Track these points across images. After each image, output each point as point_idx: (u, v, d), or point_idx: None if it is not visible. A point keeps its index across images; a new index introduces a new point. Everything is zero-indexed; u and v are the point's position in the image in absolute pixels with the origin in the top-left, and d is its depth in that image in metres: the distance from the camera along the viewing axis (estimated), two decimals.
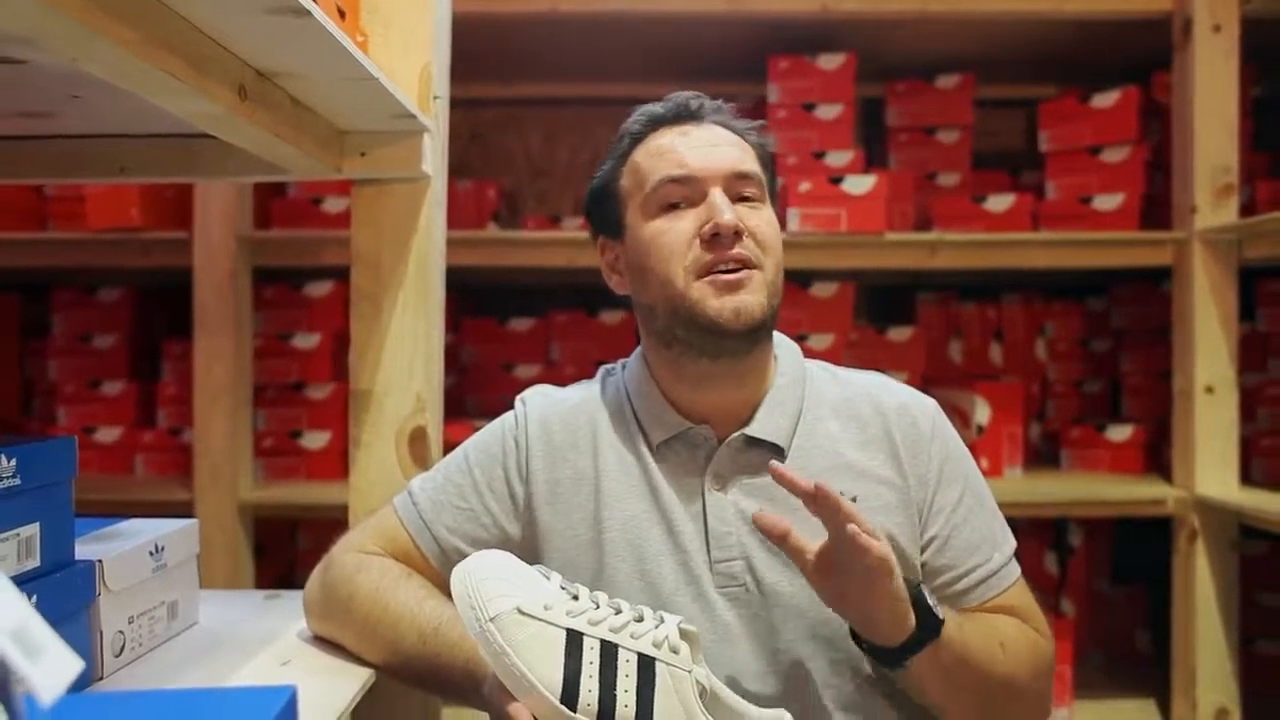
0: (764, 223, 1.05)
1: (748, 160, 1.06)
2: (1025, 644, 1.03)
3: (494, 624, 0.81)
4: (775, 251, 1.05)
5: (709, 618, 1.03)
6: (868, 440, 1.07)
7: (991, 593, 1.05)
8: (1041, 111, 2.42)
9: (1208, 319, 2.09)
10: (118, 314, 2.51)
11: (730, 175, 1.04)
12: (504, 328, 2.60)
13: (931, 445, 1.07)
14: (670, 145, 1.06)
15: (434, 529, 1.09)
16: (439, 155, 1.29)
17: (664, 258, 1.04)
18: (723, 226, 1.01)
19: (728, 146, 1.06)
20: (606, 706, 0.81)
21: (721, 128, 1.08)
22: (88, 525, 1.09)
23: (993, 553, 1.06)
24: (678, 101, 1.09)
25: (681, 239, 1.03)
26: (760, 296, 1.02)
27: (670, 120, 1.08)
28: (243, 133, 1.01)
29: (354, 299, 1.27)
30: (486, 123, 2.89)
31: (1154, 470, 2.39)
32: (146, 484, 2.33)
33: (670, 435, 1.07)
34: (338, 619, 1.08)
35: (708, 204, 1.03)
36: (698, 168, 1.04)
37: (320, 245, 2.22)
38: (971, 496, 1.08)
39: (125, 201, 2.20)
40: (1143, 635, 2.58)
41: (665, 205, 1.05)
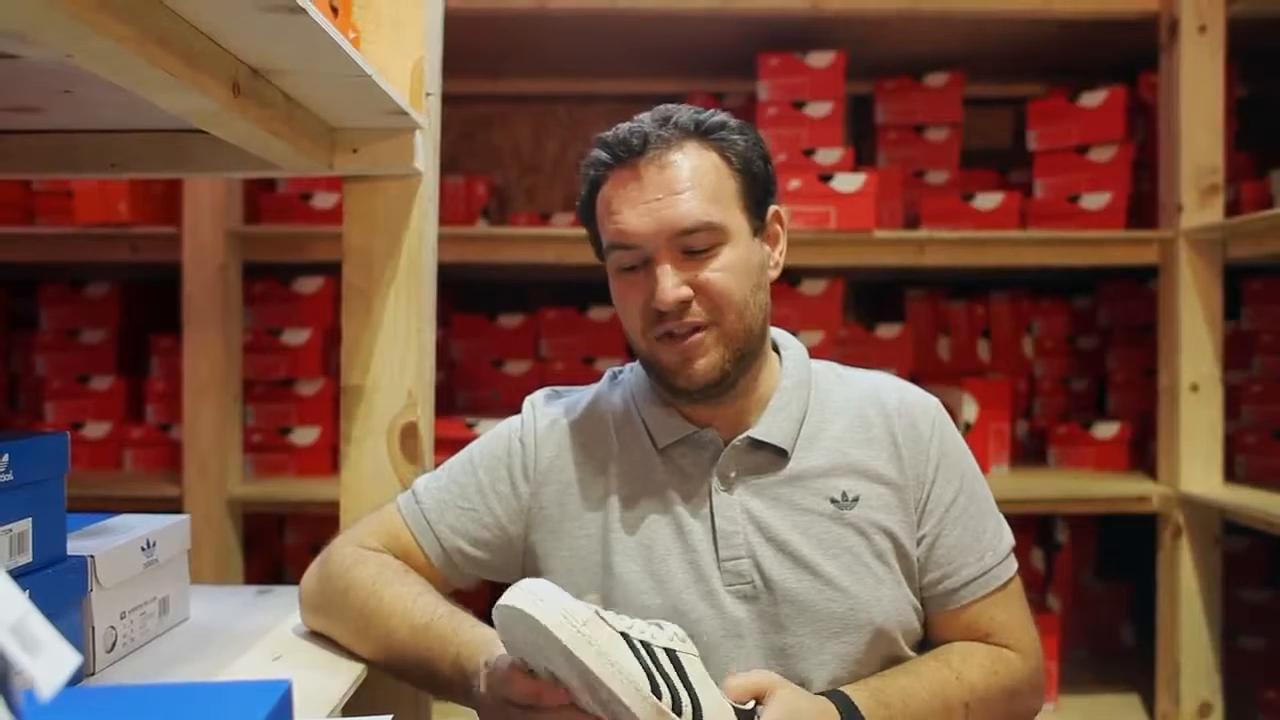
0: (720, 272, 1.02)
1: (699, 205, 1.01)
2: (993, 677, 1.04)
3: (588, 627, 0.83)
4: (736, 297, 1.02)
5: (718, 614, 1.04)
6: (871, 439, 1.09)
7: (981, 592, 1.07)
8: (1030, 110, 2.43)
9: (1193, 317, 2.10)
10: (106, 309, 2.50)
11: (673, 235, 1.01)
12: (494, 324, 2.60)
13: (930, 444, 1.09)
14: (616, 201, 1.03)
15: (436, 529, 1.10)
16: (431, 151, 1.29)
17: (625, 317, 1.07)
18: (663, 305, 1.00)
19: (670, 196, 1.01)
20: (677, 697, 0.85)
21: (678, 155, 1.02)
22: (79, 521, 1.09)
23: (984, 553, 1.07)
24: (620, 138, 1.03)
25: (636, 310, 1.04)
26: (714, 355, 1.02)
27: (618, 161, 1.04)
28: (236, 129, 1.01)
29: (345, 295, 1.27)
30: (476, 119, 2.89)
31: (1139, 467, 2.41)
32: (135, 479, 2.32)
33: (676, 439, 1.08)
34: (333, 611, 1.09)
35: (652, 274, 1.01)
36: (637, 233, 1.01)
37: (310, 240, 2.22)
38: (967, 496, 1.09)
39: (114, 196, 2.20)
40: (1127, 630, 2.61)
41: (618, 268, 1.05)
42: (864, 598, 1.03)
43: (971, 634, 1.07)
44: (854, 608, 1.02)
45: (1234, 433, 2.25)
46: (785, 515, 1.05)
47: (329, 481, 2.25)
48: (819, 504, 1.05)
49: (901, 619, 1.05)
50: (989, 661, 1.05)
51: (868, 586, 1.03)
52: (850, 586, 1.03)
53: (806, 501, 1.06)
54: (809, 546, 1.04)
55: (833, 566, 1.03)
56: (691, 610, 1.04)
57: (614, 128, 1.05)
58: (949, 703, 1.01)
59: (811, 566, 1.03)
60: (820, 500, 1.05)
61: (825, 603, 1.02)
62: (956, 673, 1.03)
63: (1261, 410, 2.26)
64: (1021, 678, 1.07)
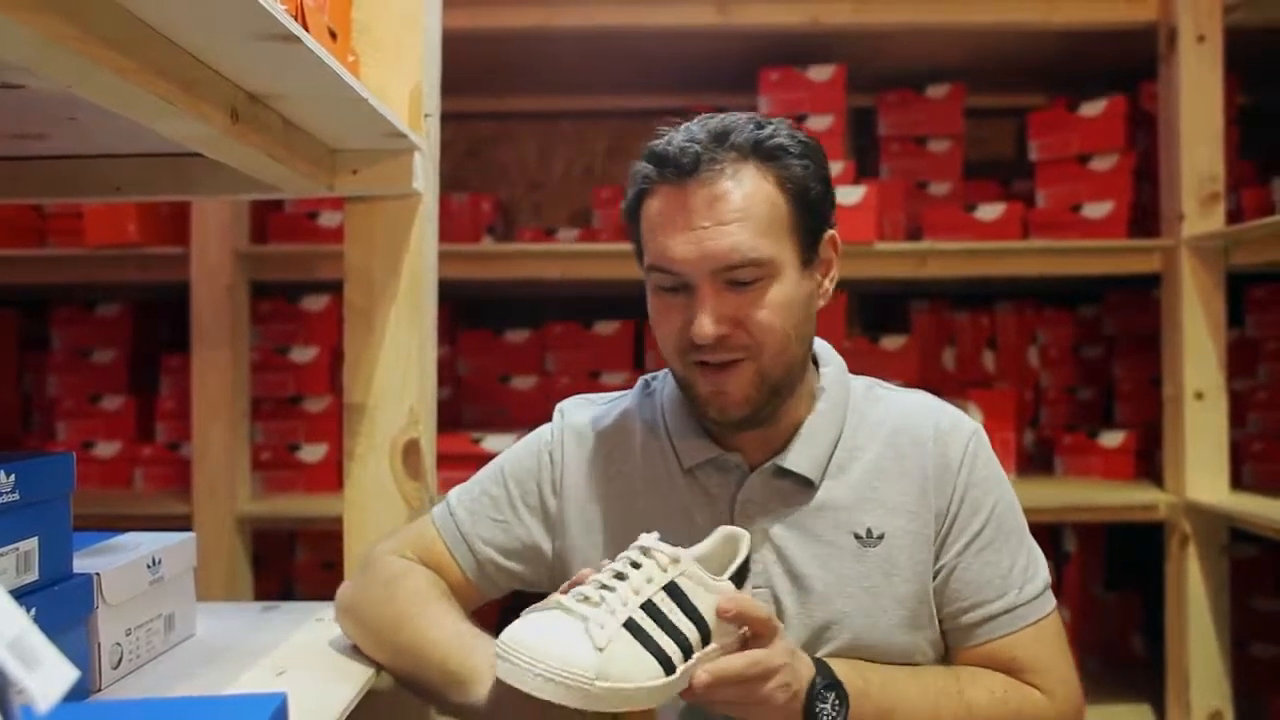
0: (762, 310, 0.98)
1: (748, 238, 0.96)
2: (1005, 709, 0.99)
3: (588, 673, 0.83)
4: (778, 334, 0.99)
5: None
6: (903, 472, 1.05)
7: (999, 632, 1.02)
8: (1031, 121, 2.44)
9: (1196, 325, 2.10)
10: (116, 329, 2.53)
11: (718, 268, 0.97)
12: (500, 339, 2.62)
13: (957, 477, 1.04)
14: (664, 221, 0.99)
15: (470, 541, 1.11)
16: (430, 172, 1.31)
17: (660, 336, 1.03)
18: (701, 339, 0.97)
19: (718, 226, 0.96)
20: (683, 644, 0.87)
21: (732, 177, 0.97)
22: (86, 539, 1.10)
23: (1007, 591, 1.02)
24: (670, 155, 0.98)
25: (671, 327, 1.01)
26: (749, 390, 0.99)
27: (670, 178, 0.99)
28: (235, 153, 1.03)
29: (347, 314, 1.29)
30: (481, 136, 2.92)
31: (1146, 476, 2.40)
32: (145, 498, 2.35)
33: (702, 460, 1.06)
34: (369, 613, 1.09)
35: (693, 302, 0.98)
36: (680, 262, 0.97)
37: (317, 259, 2.24)
38: (994, 529, 1.04)
39: (123, 218, 2.22)
40: (1137, 640, 2.59)
41: (657, 286, 1.02)
42: (875, 640, 1.01)
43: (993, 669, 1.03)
44: (860, 648, 1.01)
45: (1240, 440, 2.24)
46: (806, 545, 1.03)
47: (337, 498, 2.23)
48: (841, 538, 1.03)
49: (911, 661, 1.03)
50: (1001, 689, 1.00)
51: (881, 630, 1.01)
52: (861, 627, 1.01)
53: (829, 534, 1.03)
54: (825, 582, 1.02)
55: (847, 605, 1.01)
56: None
57: (667, 136, 1.01)
58: (939, 711, 0.97)
59: (825, 603, 1.01)
60: (843, 534, 1.03)
61: (839, 637, 1.00)
62: (959, 687, 0.99)
63: (1267, 417, 2.25)
64: (1041, 712, 1.00)
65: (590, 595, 0.87)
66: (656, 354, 2.47)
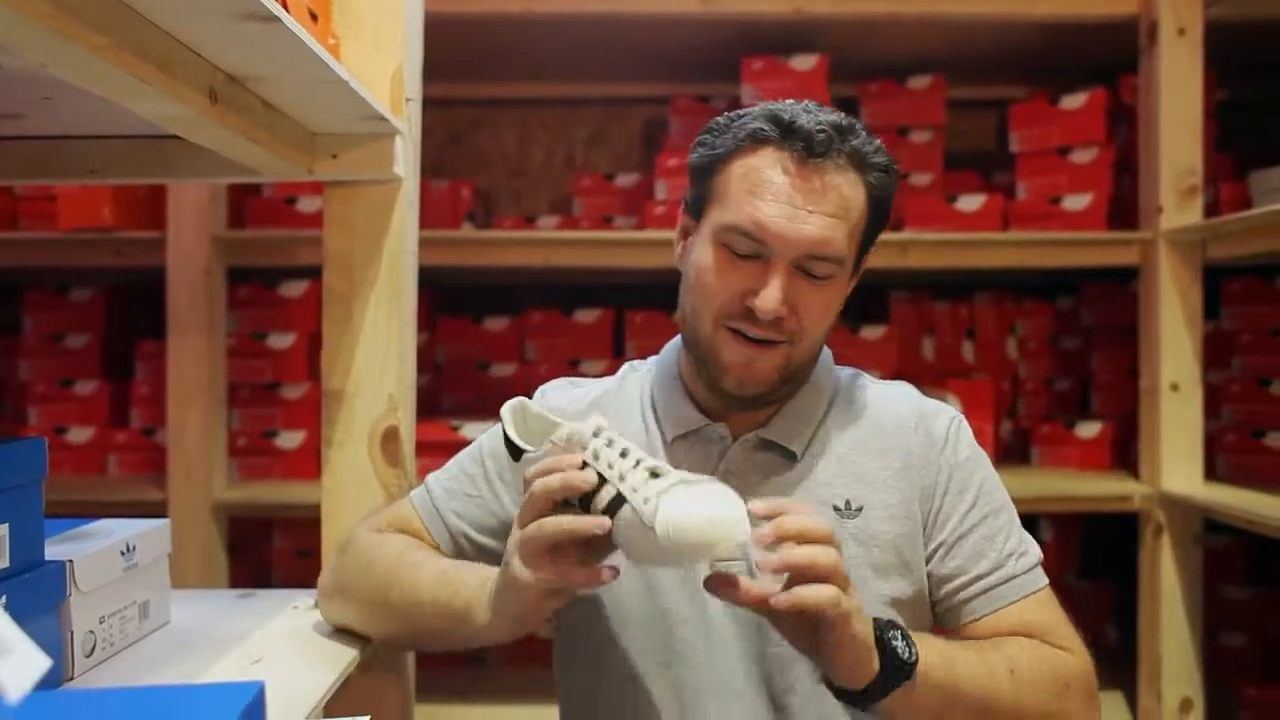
0: (818, 303, 1.00)
1: (837, 236, 0.98)
2: (1043, 667, 0.98)
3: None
4: (818, 327, 1.02)
5: (702, 616, 1.04)
6: (885, 449, 1.07)
7: (1000, 602, 1.03)
8: (1012, 112, 2.45)
9: (1173, 318, 2.12)
10: (90, 314, 2.50)
11: (806, 254, 0.98)
12: (479, 327, 2.61)
13: (942, 455, 1.06)
14: (765, 185, 0.98)
15: (445, 516, 1.12)
16: (411, 157, 1.30)
17: (705, 291, 1.02)
18: (762, 313, 0.97)
19: (823, 215, 0.98)
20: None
21: (838, 174, 0.99)
22: (58, 526, 1.09)
23: (1004, 562, 1.04)
24: (804, 128, 0.97)
25: (727, 290, 1.00)
26: (773, 374, 1.01)
27: (787, 148, 0.98)
28: (213, 135, 1.02)
29: (326, 299, 1.28)
30: (462, 122, 2.90)
31: (1122, 466, 2.42)
32: (119, 484, 2.32)
33: (686, 430, 1.07)
34: (354, 583, 1.09)
35: (766, 276, 0.98)
36: (775, 234, 0.97)
37: (295, 245, 2.22)
38: (984, 506, 1.06)
39: (97, 201, 2.20)
40: (1110, 630, 2.62)
41: (725, 245, 1.00)
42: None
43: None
44: None
45: (1214, 432, 2.26)
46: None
47: (315, 485, 2.22)
48: (820, 509, 1.03)
49: None
50: (1031, 646, 1.00)
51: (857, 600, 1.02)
52: None
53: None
54: None
55: None
56: (678, 609, 1.04)
57: (790, 107, 1.00)
58: (991, 664, 0.96)
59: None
60: (823, 507, 1.03)
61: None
62: (992, 644, 0.99)
63: (1241, 409, 2.27)
64: (1074, 672, 1.00)
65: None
66: (637, 343, 2.50)
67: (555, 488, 0.88)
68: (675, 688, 1.05)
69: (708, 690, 1.03)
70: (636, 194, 2.54)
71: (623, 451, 0.89)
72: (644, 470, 0.87)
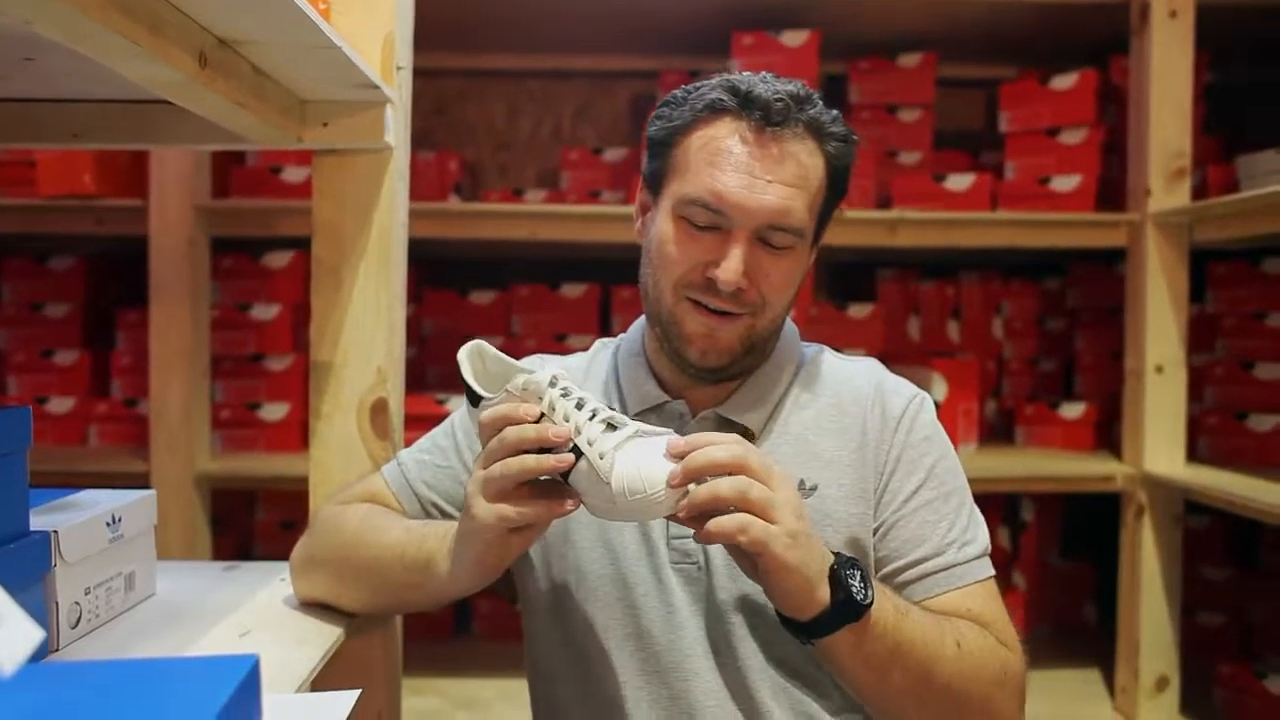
0: (779, 273, 1.00)
1: (797, 207, 0.99)
2: (986, 652, 0.97)
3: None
4: (780, 298, 1.02)
5: (661, 593, 1.04)
6: (843, 428, 1.06)
7: (937, 589, 1.01)
8: (1002, 92, 2.44)
9: (1159, 300, 2.13)
10: (70, 282, 2.47)
11: (765, 224, 0.98)
12: (465, 300, 2.59)
13: (895, 434, 1.06)
14: (724, 156, 0.98)
15: (415, 486, 1.12)
16: (401, 126, 1.28)
17: (665, 263, 1.02)
18: (723, 284, 0.97)
19: (783, 185, 0.98)
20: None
21: (797, 144, 0.99)
22: (43, 496, 1.07)
23: (944, 549, 1.02)
24: (764, 98, 0.97)
25: (687, 261, 1.00)
26: (735, 342, 1.01)
27: (745, 117, 0.98)
28: (203, 100, 1.00)
29: (314, 270, 1.26)
30: (449, 94, 2.87)
31: (1105, 447, 2.44)
32: (100, 455, 2.30)
33: (647, 407, 1.08)
34: (324, 556, 1.09)
35: (726, 248, 0.98)
36: (734, 204, 0.97)
37: (279, 215, 2.19)
38: (932, 490, 1.04)
39: (78, 168, 2.16)
40: (1089, 608, 2.65)
41: (684, 217, 1.01)
42: None
43: None
44: None
45: (1197, 414, 2.28)
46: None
47: (298, 457, 2.23)
48: None
49: None
50: (977, 629, 0.99)
51: None
52: None
53: None
54: None
55: None
56: (640, 584, 1.05)
57: (747, 78, 1.00)
58: (941, 632, 0.95)
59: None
60: None
61: (759, 593, 0.98)
62: (945, 617, 0.98)
63: (1223, 392, 2.29)
64: (1011, 667, 0.99)
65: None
66: (623, 318, 2.49)
67: (530, 437, 0.87)
68: (639, 662, 1.05)
69: (669, 666, 1.04)
70: (624, 169, 2.52)
71: (578, 403, 0.88)
72: (600, 423, 0.87)
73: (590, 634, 1.06)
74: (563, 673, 1.09)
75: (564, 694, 1.09)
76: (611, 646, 1.05)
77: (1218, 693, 2.19)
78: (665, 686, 1.03)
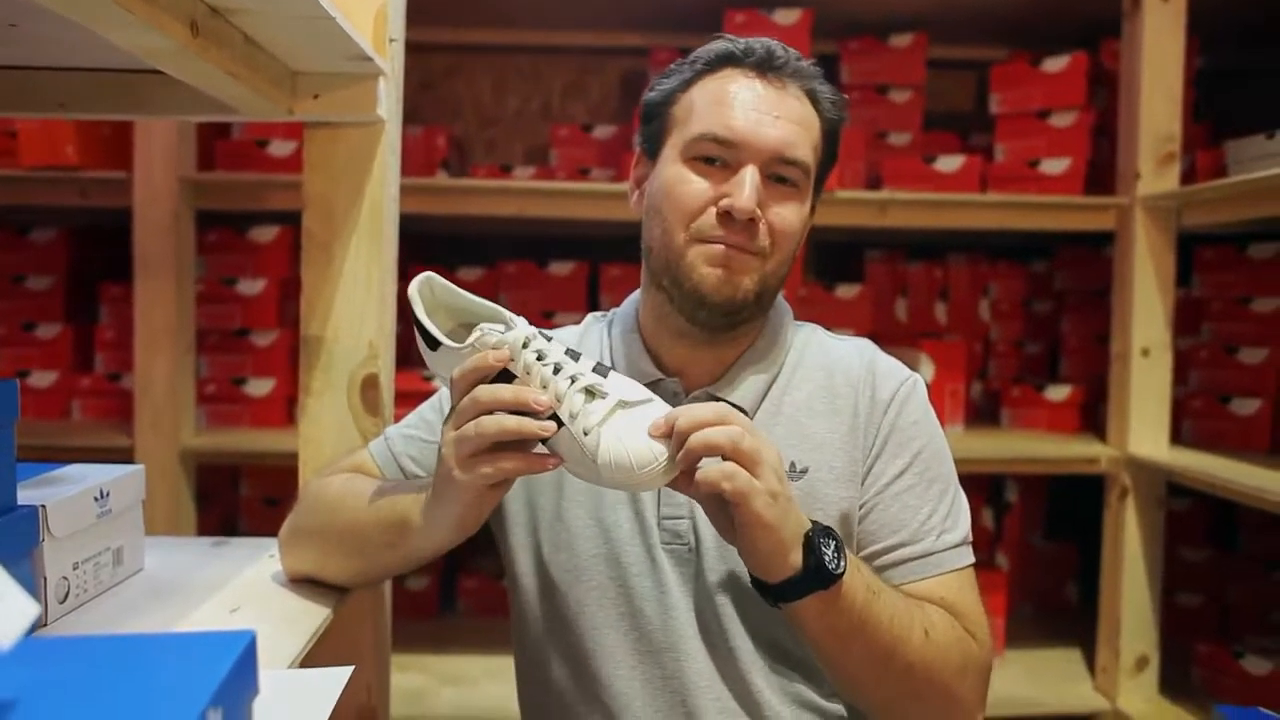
0: (788, 213, 1.01)
1: (802, 144, 1.01)
2: (953, 642, 0.98)
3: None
4: (788, 244, 1.02)
5: (653, 573, 1.04)
6: (834, 410, 1.06)
7: (913, 576, 1.02)
8: (993, 74, 2.44)
9: (1146, 284, 2.14)
10: (53, 255, 2.43)
11: (774, 156, 1.00)
12: (452, 277, 2.56)
13: (885, 416, 1.06)
14: (730, 96, 1.01)
15: (400, 460, 1.11)
16: (394, 100, 1.27)
17: (674, 209, 1.01)
18: (738, 211, 0.98)
19: (788, 122, 1.00)
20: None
21: (795, 93, 1.02)
22: (29, 470, 1.06)
23: (924, 536, 1.03)
24: (762, 46, 1.02)
25: (698, 199, 1.00)
26: (748, 282, 1.01)
27: (746, 63, 1.02)
28: (194, 69, 0.98)
29: (305, 244, 1.25)
30: (435, 69, 2.84)
31: (1089, 430, 2.45)
32: (84, 430, 2.28)
33: (642, 383, 1.07)
34: (307, 522, 1.09)
35: (737, 179, 0.99)
36: (744, 136, 0.99)
37: (266, 189, 2.17)
38: (916, 475, 1.05)
39: (60, 139, 2.13)
40: (1071, 589, 2.67)
41: (699, 157, 1.01)
42: None
43: None
44: None
45: (1181, 397, 2.29)
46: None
47: (284, 433, 2.23)
48: None
49: None
50: (948, 618, 1.00)
51: None
52: None
53: None
54: None
55: None
56: (633, 564, 1.05)
57: (740, 37, 1.04)
58: (910, 610, 0.96)
59: None
60: None
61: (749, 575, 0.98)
62: (917, 602, 0.99)
63: (1208, 375, 2.31)
64: (976, 659, 1.00)
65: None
66: (611, 297, 2.48)
67: (506, 400, 0.85)
68: (632, 641, 1.05)
69: (662, 647, 1.04)
70: (614, 146, 2.51)
71: (555, 367, 0.86)
72: (580, 392, 0.85)
73: (582, 613, 1.06)
74: (553, 651, 1.09)
75: (554, 672, 1.09)
76: (604, 626, 1.05)
77: (1196, 672, 2.22)
78: (658, 666, 1.03)
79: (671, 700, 1.03)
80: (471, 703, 2.10)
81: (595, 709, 1.05)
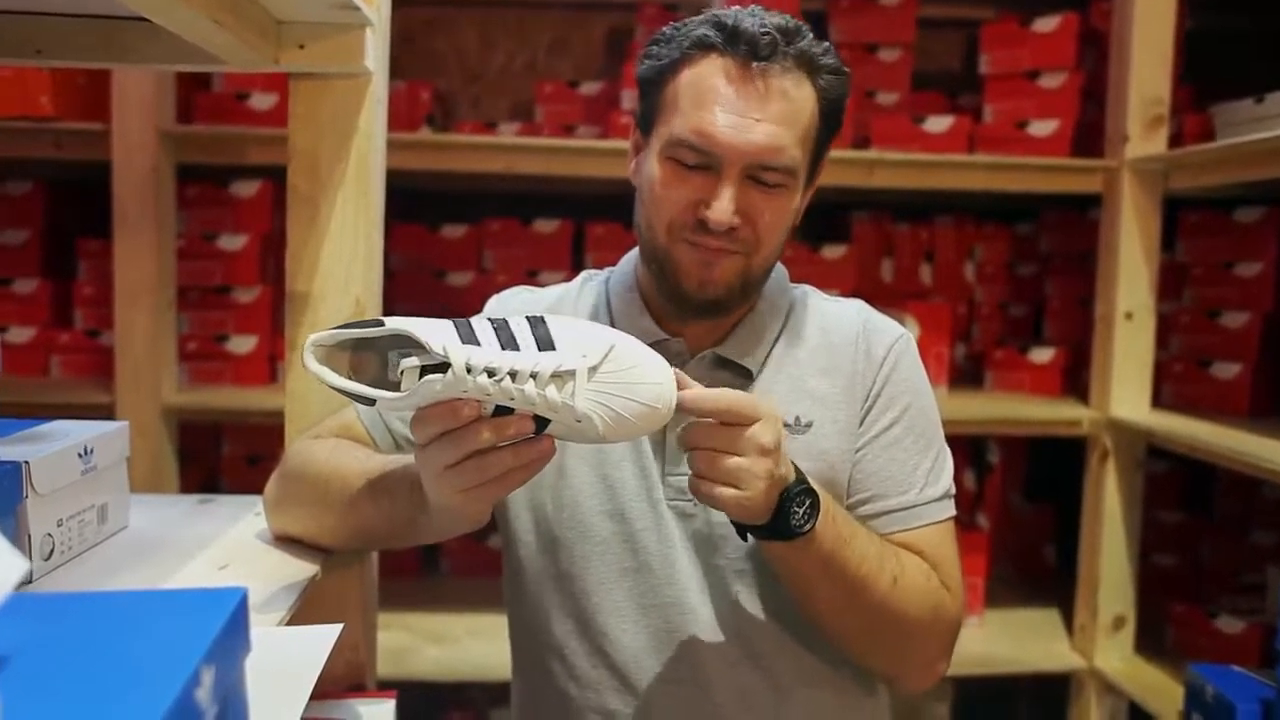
0: (771, 211, 0.99)
1: (787, 144, 0.97)
2: (926, 587, 1.01)
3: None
4: (774, 237, 1.01)
5: (658, 529, 1.05)
6: (832, 367, 1.08)
7: (895, 527, 1.05)
8: (983, 34, 2.42)
9: (1132, 247, 2.14)
10: (28, 208, 2.39)
11: (754, 163, 0.97)
12: (435, 234, 2.55)
13: (879, 371, 1.08)
14: (711, 96, 0.97)
15: (387, 420, 1.10)
16: (381, 51, 1.24)
17: (657, 205, 1.01)
18: (714, 223, 0.97)
19: (771, 124, 0.96)
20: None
21: (786, 81, 0.97)
22: (11, 426, 1.05)
23: (908, 489, 1.05)
24: (745, 32, 0.96)
25: (678, 203, 1.00)
26: (731, 277, 1.01)
27: (731, 53, 0.97)
28: (177, 16, 0.95)
29: (290, 199, 1.22)
30: (418, 21, 2.79)
31: (1072, 392, 2.47)
32: (63, 386, 2.26)
33: (646, 343, 1.06)
34: (294, 492, 1.07)
35: (718, 185, 0.97)
36: (722, 144, 0.96)
37: (248, 143, 2.13)
38: (905, 428, 1.07)
39: (34, 88, 2.08)
40: (1050, 550, 2.70)
41: (674, 158, 1.00)
42: None
43: None
44: None
45: (1163, 361, 2.31)
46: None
47: (266, 391, 2.21)
48: None
49: None
50: (924, 568, 1.03)
51: None
52: None
53: None
54: None
55: None
56: (638, 519, 1.05)
57: (734, 12, 0.98)
58: (882, 556, 0.98)
59: None
60: None
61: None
62: (894, 550, 1.01)
63: (1189, 340, 2.32)
64: (945, 611, 1.03)
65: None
66: (596, 255, 2.46)
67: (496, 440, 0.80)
68: (638, 596, 1.05)
69: (668, 601, 1.04)
70: (600, 103, 2.48)
71: (511, 373, 0.78)
72: (550, 385, 0.79)
73: (588, 568, 1.06)
74: (554, 607, 1.09)
75: (556, 629, 1.09)
76: (609, 581, 1.06)
77: (1171, 631, 2.25)
78: (664, 620, 1.04)
79: (677, 653, 1.04)
80: (456, 660, 2.12)
81: (599, 662, 1.06)
